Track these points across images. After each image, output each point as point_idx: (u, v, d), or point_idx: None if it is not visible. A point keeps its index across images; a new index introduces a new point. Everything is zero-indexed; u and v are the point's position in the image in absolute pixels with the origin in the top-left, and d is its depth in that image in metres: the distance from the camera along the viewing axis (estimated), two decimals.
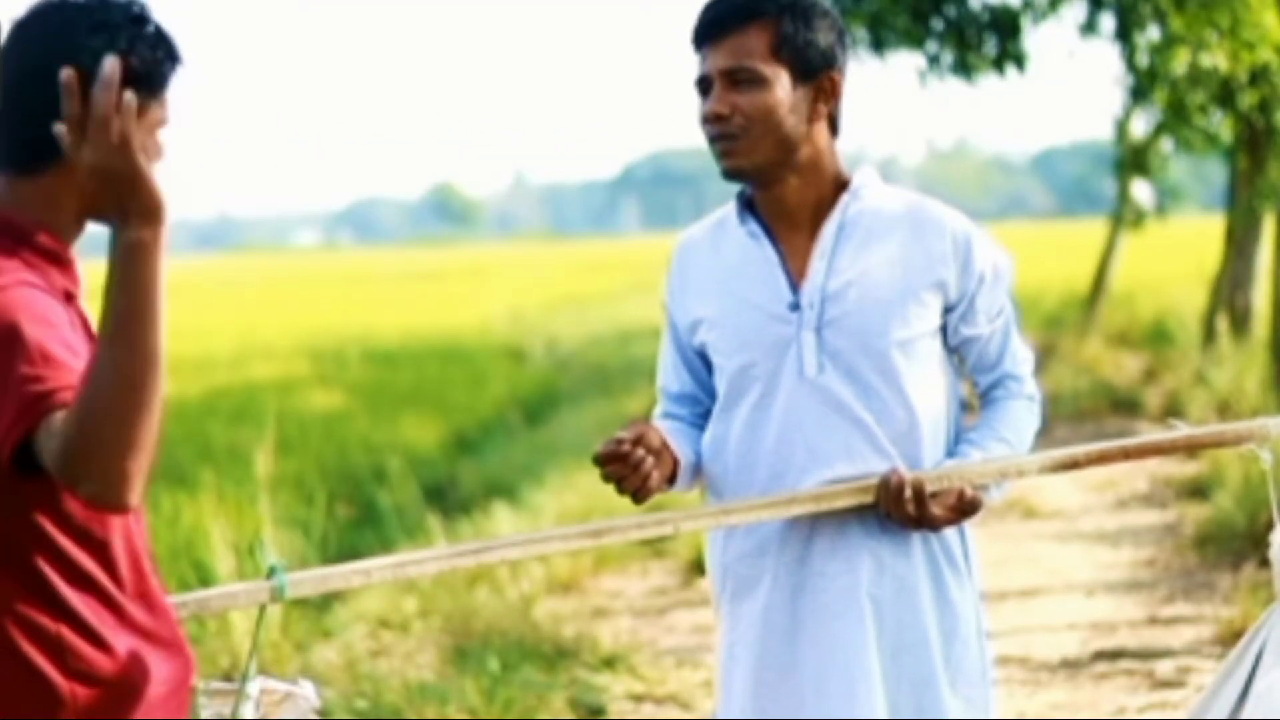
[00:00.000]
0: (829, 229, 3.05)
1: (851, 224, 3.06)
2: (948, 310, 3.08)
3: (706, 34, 3.04)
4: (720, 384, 3.12)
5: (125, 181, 2.14)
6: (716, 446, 3.12)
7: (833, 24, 3.07)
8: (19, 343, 2.17)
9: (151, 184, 2.14)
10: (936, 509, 2.98)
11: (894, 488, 2.96)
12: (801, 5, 3.03)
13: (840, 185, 3.09)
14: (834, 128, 3.09)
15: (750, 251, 3.08)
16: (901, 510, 2.96)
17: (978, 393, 3.21)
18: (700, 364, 3.18)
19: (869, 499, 2.98)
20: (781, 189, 3.06)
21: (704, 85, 3.06)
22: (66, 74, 2.15)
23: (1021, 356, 3.19)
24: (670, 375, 3.23)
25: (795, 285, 3.05)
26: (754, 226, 3.09)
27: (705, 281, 3.12)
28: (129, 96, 2.14)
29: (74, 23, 2.30)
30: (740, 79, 3.00)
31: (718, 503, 3.10)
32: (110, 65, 2.13)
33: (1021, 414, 3.15)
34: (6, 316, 2.19)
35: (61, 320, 2.24)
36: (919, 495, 2.96)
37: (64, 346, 2.20)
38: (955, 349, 3.13)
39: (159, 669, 2.33)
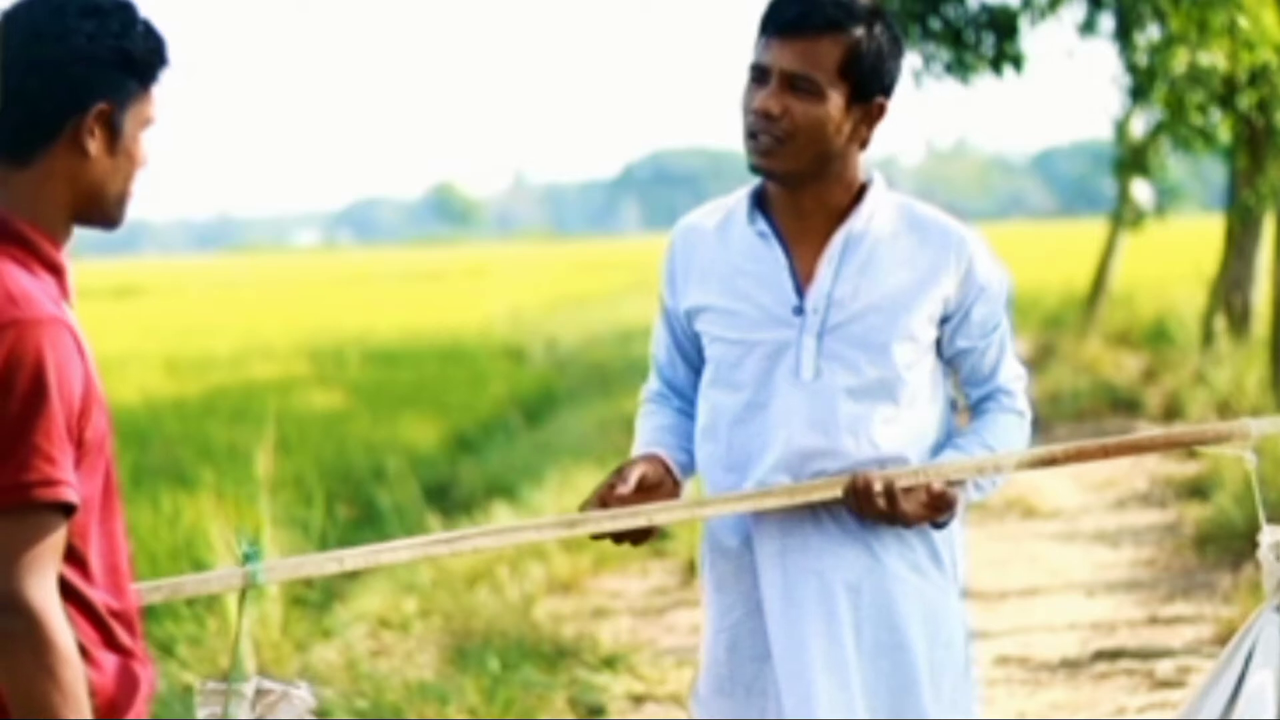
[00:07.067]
0: (839, 237, 3.07)
1: (860, 232, 3.07)
2: (944, 321, 3.09)
3: (780, 27, 3.01)
4: (709, 369, 3.13)
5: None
6: (703, 433, 3.13)
7: (900, 52, 3.07)
8: (43, 400, 2.21)
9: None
10: (909, 505, 2.99)
11: (862, 484, 2.97)
12: (879, 30, 3.02)
13: (854, 193, 3.09)
14: (865, 143, 3.09)
15: (758, 251, 3.09)
16: (872, 506, 2.97)
17: (968, 405, 3.21)
18: (695, 354, 3.19)
19: (839, 493, 2.99)
20: (802, 195, 3.07)
21: (759, 74, 3.03)
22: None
23: (1015, 373, 3.19)
24: (665, 359, 3.23)
25: (801, 289, 3.06)
26: (764, 226, 3.10)
27: (709, 273, 3.12)
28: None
29: (64, 8, 2.32)
30: (800, 86, 2.99)
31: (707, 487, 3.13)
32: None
33: (1010, 426, 3.16)
34: (37, 362, 2.22)
35: (76, 375, 2.27)
36: (889, 492, 2.97)
37: (67, 422, 2.24)
38: (949, 361, 3.14)
39: (138, 684, 2.35)
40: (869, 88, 3.03)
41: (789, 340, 3.05)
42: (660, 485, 3.07)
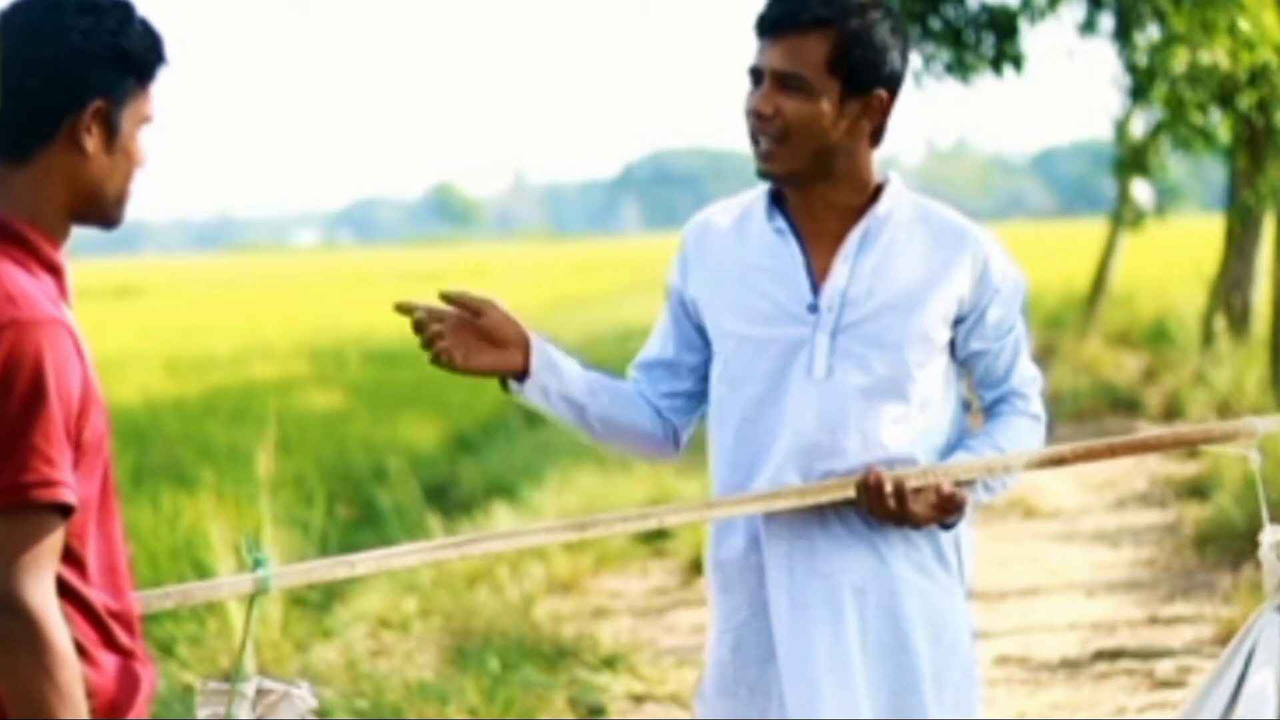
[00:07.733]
0: (854, 234, 3.06)
1: (876, 231, 3.07)
2: (958, 322, 3.08)
3: (768, 28, 3.02)
4: (719, 364, 3.12)
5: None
6: (711, 428, 3.13)
7: (898, 44, 3.04)
8: (42, 401, 2.21)
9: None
10: (918, 506, 2.98)
11: (874, 484, 2.96)
12: (868, 22, 3.00)
13: (869, 191, 3.09)
14: (876, 138, 3.08)
15: (775, 248, 3.08)
16: (883, 506, 2.97)
17: (982, 407, 3.20)
18: (692, 332, 3.17)
19: (851, 494, 2.99)
20: (812, 194, 3.07)
21: (756, 76, 3.04)
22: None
23: (1029, 376, 3.17)
24: (656, 339, 3.22)
25: (816, 286, 3.06)
26: (781, 223, 3.09)
27: (724, 267, 3.12)
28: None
29: (61, 5, 2.32)
30: (790, 84, 2.99)
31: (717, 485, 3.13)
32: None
33: (1023, 429, 3.14)
34: (36, 362, 2.22)
35: (75, 376, 2.27)
36: (899, 492, 2.96)
37: (66, 424, 2.24)
38: (963, 362, 3.13)
39: (138, 684, 2.35)
40: (864, 81, 3.01)
41: (803, 337, 3.04)
42: (503, 329, 3.23)
